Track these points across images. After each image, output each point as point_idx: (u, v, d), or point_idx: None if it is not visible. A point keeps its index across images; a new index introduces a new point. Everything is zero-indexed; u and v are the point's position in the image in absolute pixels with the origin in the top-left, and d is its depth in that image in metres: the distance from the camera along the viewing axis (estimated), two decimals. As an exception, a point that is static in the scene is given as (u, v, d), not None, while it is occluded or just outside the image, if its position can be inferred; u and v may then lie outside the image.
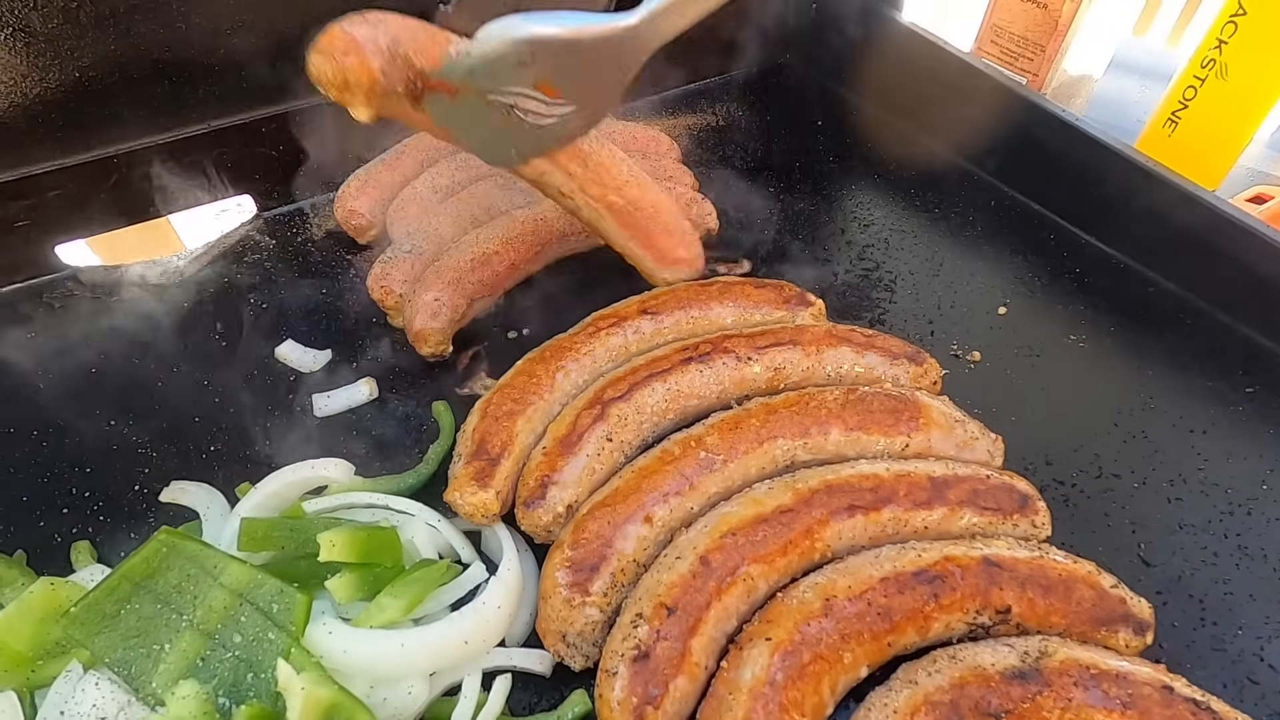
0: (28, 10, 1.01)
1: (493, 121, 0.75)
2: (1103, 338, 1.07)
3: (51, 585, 0.72)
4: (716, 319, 0.97)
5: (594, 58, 0.69)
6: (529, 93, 0.71)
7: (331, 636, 0.66)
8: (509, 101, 0.72)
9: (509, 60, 0.69)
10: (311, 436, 0.96)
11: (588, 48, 0.69)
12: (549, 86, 0.71)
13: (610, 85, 0.72)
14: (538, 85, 0.71)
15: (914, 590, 0.71)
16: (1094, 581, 0.73)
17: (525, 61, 0.69)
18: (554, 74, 0.69)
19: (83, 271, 1.15)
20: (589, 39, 0.68)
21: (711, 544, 0.73)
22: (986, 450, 0.86)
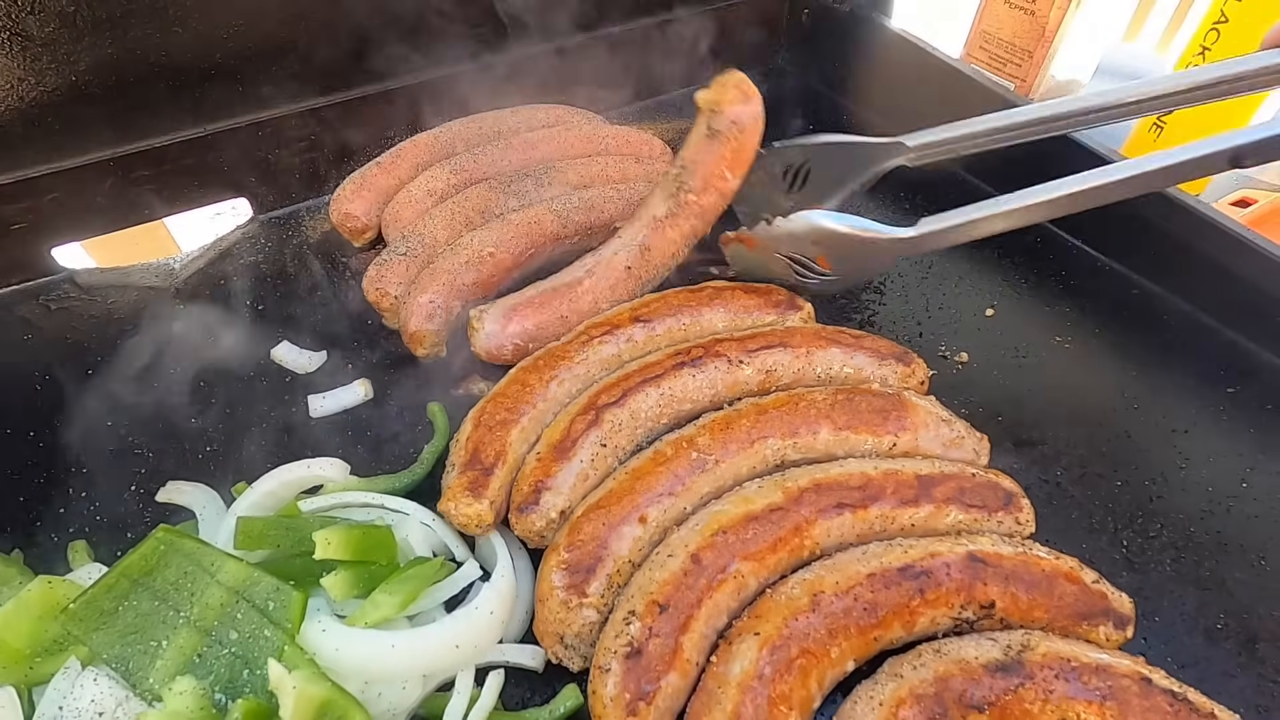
0: (25, 15, 1.02)
1: (771, 269, 1.04)
2: (1088, 339, 1.09)
3: (49, 583, 0.72)
4: (708, 324, 0.99)
5: (865, 251, 0.94)
6: (808, 260, 0.99)
7: (325, 635, 0.67)
8: (789, 260, 1.00)
9: (808, 238, 0.96)
10: (307, 437, 0.97)
11: (865, 244, 0.94)
12: (824, 260, 0.98)
13: (866, 269, 1.00)
14: (817, 257, 0.98)
15: (900, 586, 0.72)
16: (1076, 577, 0.74)
17: (818, 241, 0.96)
18: (831, 253, 0.96)
19: (79, 274, 1.16)
20: (868, 239, 0.94)
21: (703, 542, 0.75)
22: (973, 449, 0.88)
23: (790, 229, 0.96)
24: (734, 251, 1.05)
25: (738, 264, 1.07)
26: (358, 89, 1.28)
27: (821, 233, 0.94)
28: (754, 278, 1.05)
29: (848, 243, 0.94)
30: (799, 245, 0.97)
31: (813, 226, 0.94)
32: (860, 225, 0.94)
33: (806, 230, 0.95)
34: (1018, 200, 0.91)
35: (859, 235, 0.94)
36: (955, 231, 0.93)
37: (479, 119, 1.31)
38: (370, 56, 1.27)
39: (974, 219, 0.92)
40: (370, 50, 1.26)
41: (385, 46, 1.27)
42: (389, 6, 1.24)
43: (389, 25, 1.25)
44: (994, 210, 0.91)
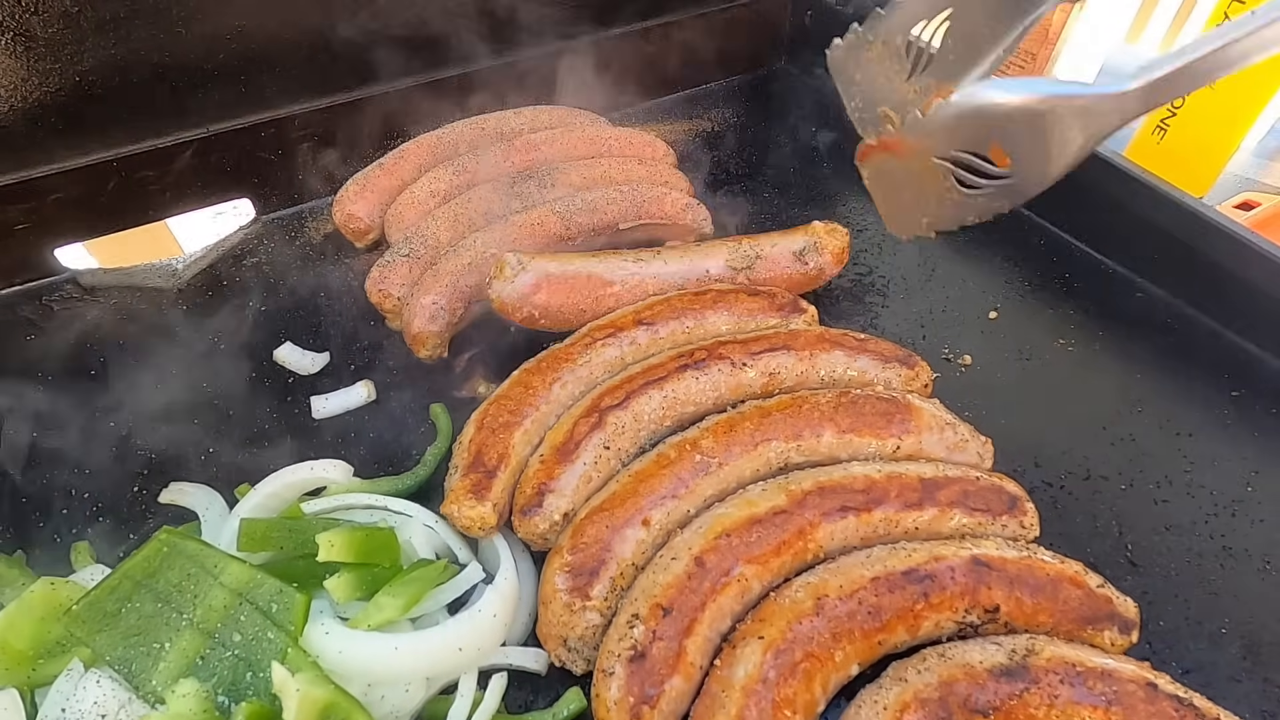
0: (29, 15, 1.02)
1: (923, 186, 0.71)
2: (1091, 342, 1.09)
3: (52, 585, 0.72)
4: (711, 327, 0.98)
5: (1061, 128, 0.61)
6: (976, 159, 0.66)
7: (328, 637, 0.67)
8: (950, 166, 0.67)
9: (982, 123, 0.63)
10: (310, 438, 0.97)
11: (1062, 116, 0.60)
12: (1002, 153, 0.64)
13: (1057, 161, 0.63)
14: (991, 150, 0.65)
15: (904, 589, 0.72)
16: (1081, 581, 0.74)
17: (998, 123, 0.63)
18: (1015, 140, 0.63)
19: (82, 274, 1.16)
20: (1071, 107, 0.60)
21: (706, 545, 0.75)
22: (976, 452, 0.88)
23: (960, 112, 0.63)
24: (876, 165, 0.75)
25: (878, 183, 0.77)
26: (361, 89, 1.28)
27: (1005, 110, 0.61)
28: (898, 213, 0.77)
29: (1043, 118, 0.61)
30: (970, 137, 0.65)
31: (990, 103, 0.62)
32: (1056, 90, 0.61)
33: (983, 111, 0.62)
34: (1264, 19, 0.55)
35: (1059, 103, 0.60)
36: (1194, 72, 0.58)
37: (482, 120, 1.31)
38: (373, 57, 1.27)
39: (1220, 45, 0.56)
40: (374, 51, 1.26)
41: (389, 47, 1.27)
42: (392, 8, 1.24)
43: (392, 26, 1.25)
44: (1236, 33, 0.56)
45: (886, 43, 0.72)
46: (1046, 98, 0.61)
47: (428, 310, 1.01)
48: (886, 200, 0.78)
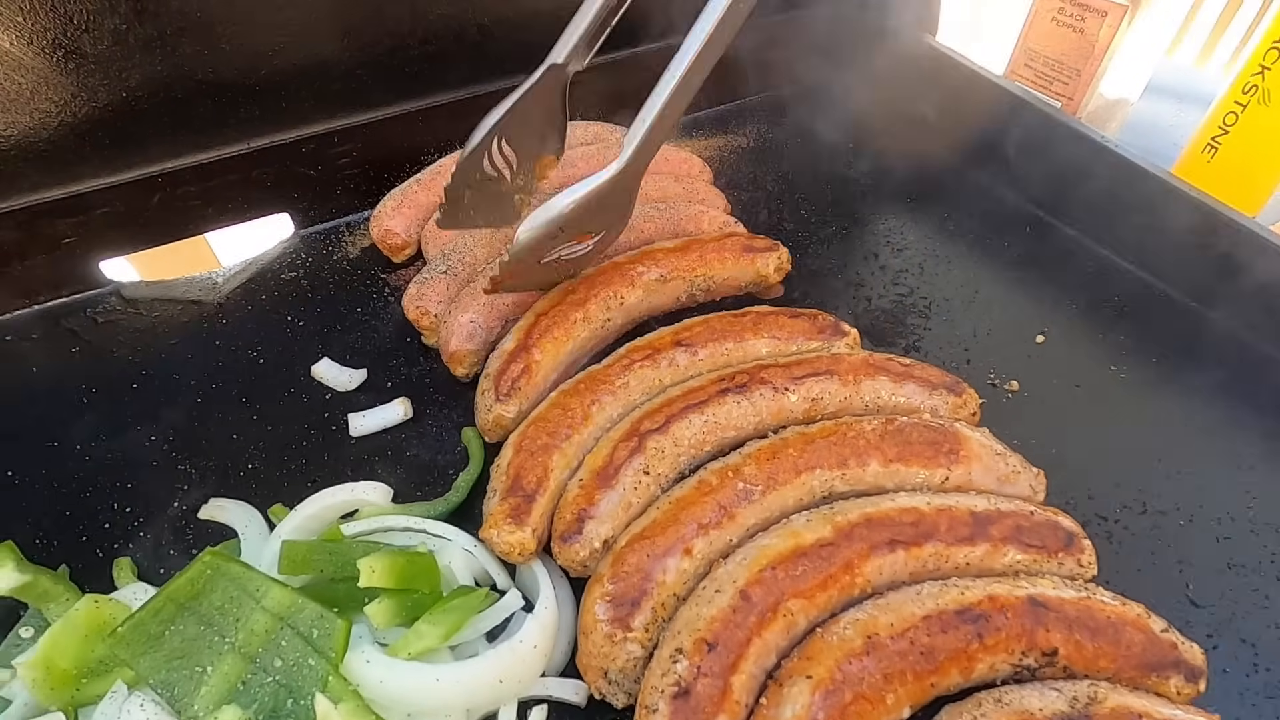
0: (80, 33, 1.04)
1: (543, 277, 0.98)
2: (1145, 369, 1.05)
3: (96, 603, 0.72)
4: (751, 350, 0.97)
5: (601, 202, 0.87)
6: (567, 247, 0.91)
7: (369, 666, 0.66)
8: (554, 257, 0.92)
9: (546, 237, 0.87)
10: (346, 455, 0.96)
11: (595, 200, 0.86)
12: (578, 235, 0.90)
13: (620, 211, 0.91)
14: (572, 239, 0.90)
15: (958, 629, 0.70)
16: (1144, 625, 0.71)
17: (565, 226, 0.87)
18: (579, 227, 0.89)
19: (125, 287, 1.18)
20: (594, 195, 0.86)
21: (751, 577, 0.73)
22: (1029, 485, 0.85)
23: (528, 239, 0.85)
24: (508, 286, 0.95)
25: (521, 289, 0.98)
26: (398, 105, 1.29)
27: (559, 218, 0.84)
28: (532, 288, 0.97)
29: (581, 210, 0.85)
30: (550, 244, 0.87)
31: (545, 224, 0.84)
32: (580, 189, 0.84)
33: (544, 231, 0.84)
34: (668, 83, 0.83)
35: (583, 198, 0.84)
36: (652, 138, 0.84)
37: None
38: (411, 73, 1.27)
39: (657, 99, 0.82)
40: (412, 66, 1.27)
41: (427, 63, 1.28)
42: (430, 24, 1.25)
43: (430, 42, 1.26)
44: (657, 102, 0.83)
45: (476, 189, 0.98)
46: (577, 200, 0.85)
47: (465, 329, 1.00)
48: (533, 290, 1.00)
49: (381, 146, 1.28)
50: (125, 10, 1.04)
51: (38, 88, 1.04)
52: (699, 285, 1.05)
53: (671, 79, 0.83)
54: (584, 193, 0.85)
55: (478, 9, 1.27)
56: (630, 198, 0.91)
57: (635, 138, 0.84)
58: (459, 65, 1.31)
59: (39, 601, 0.77)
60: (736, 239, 1.08)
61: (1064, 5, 1.42)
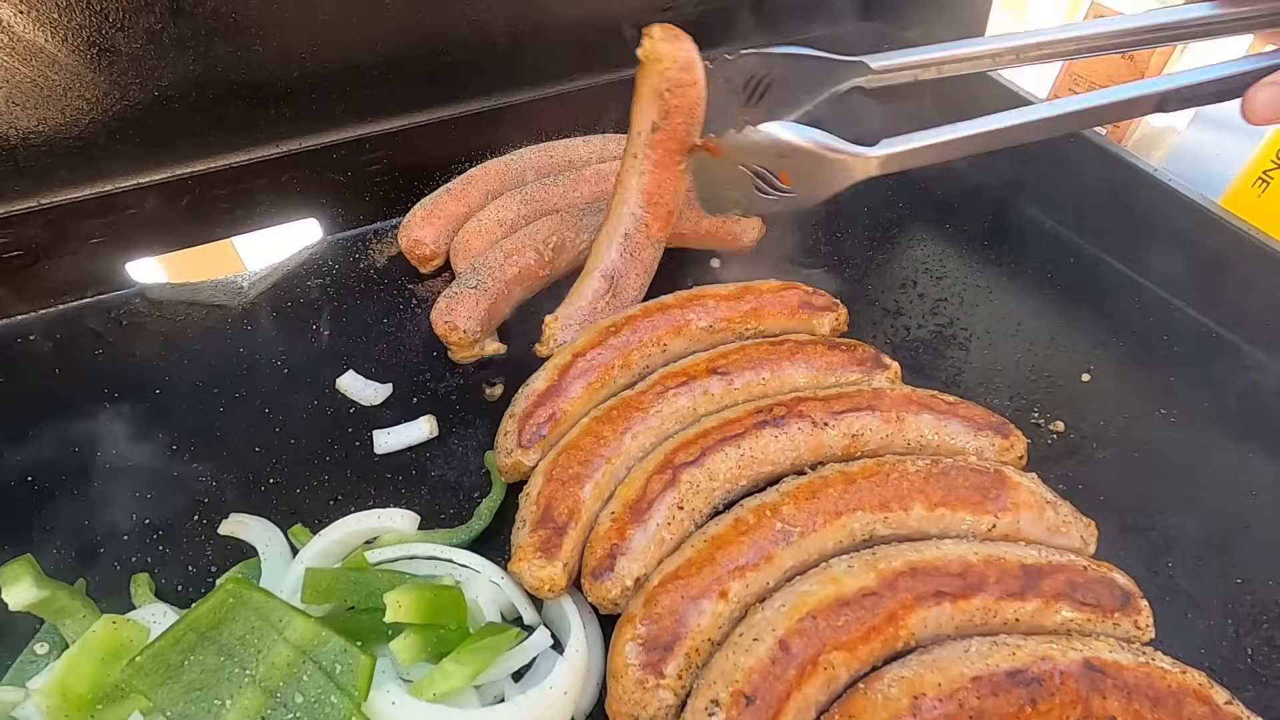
0: (115, 31, 1.02)
1: (731, 182, 0.97)
2: (1196, 413, 1.01)
3: (114, 624, 0.70)
4: (789, 379, 0.94)
5: (827, 168, 0.91)
6: (771, 174, 0.94)
7: (395, 707, 0.64)
8: (753, 172, 0.94)
9: (773, 150, 0.92)
10: (370, 474, 0.94)
11: (828, 162, 0.90)
12: (787, 175, 0.93)
13: (824, 189, 0.93)
14: (780, 171, 0.93)
15: (1009, 693, 0.66)
16: (1206, 696, 0.67)
17: (783, 154, 0.91)
18: (796, 169, 0.92)
19: (150, 289, 1.16)
20: (832, 157, 0.90)
21: (791, 627, 0.70)
22: (1079, 536, 0.81)
23: (759, 138, 0.91)
24: (698, 161, 1.00)
25: (699, 177, 1.01)
26: (430, 112, 1.27)
27: (789, 146, 0.91)
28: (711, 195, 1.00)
29: (812, 158, 0.90)
30: (764, 157, 0.92)
31: (780, 139, 0.90)
32: (826, 141, 0.90)
33: (774, 142, 0.91)
34: (981, 124, 0.90)
35: (824, 151, 0.90)
36: (918, 152, 0.90)
37: (550, 147, 1.28)
38: (443, 80, 1.25)
39: (938, 141, 0.90)
40: (443, 73, 1.25)
41: (459, 70, 1.26)
42: (463, 31, 1.23)
43: (462, 49, 1.24)
44: (957, 134, 0.90)
45: (729, 79, 0.98)
46: (817, 145, 0.90)
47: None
48: (703, 185, 1.01)
49: (412, 154, 1.26)
50: (161, 9, 1.03)
51: (70, 85, 1.03)
52: (747, 337, 1.01)
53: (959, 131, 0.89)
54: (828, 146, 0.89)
55: (510, 17, 1.25)
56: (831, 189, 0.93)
57: (895, 145, 0.89)
58: (491, 73, 1.29)
59: (56, 617, 0.75)
60: (795, 293, 1.04)
61: (1115, 30, 1.38)
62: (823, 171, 0.91)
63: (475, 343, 1.04)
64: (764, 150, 0.92)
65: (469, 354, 1.06)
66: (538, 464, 0.86)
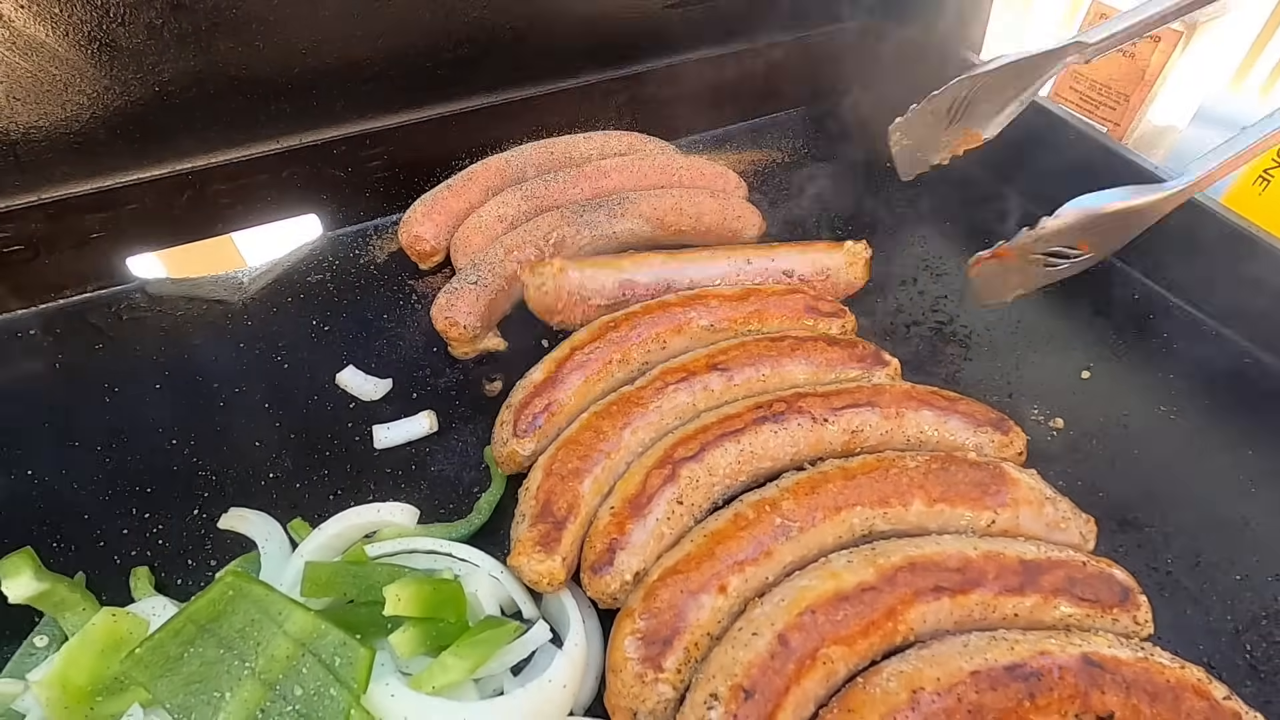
0: (115, 26, 1.02)
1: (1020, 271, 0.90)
2: (1196, 411, 1.01)
3: (113, 616, 0.70)
4: (789, 376, 0.94)
5: (1131, 218, 0.83)
6: (1066, 249, 0.86)
7: (394, 700, 0.64)
8: (1047, 256, 0.88)
9: (1076, 229, 0.83)
10: (370, 469, 0.94)
11: (1135, 212, 0.82)
12: (1085, 243, 0.85)
13: (1126, 236, 0.86)
14: (1079, 243, 0.85)
15: (1007, 687, 0.66)
16: (1205, 691, 0.67)
17: (1086, 228, 0.83)
18: (1097, 233, 0.84)
19: (150, 284, 1.16)
20: (1142, 206, 0.82)
21: (790, 621, 0.70)
22: (1079, 532, 0.82)
23: (1061, 225, 0.83)
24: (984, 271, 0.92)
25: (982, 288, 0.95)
26: (431, 108, 1.27)
27: (1098, 217, 0.82)
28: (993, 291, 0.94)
29: (1124, 216, 0.82)
30: (1066, 237, 0.85)
31: (1088, 214, 0.82)
32: (1129, 195, 0.82)
33: (1080, 220, 0.82)
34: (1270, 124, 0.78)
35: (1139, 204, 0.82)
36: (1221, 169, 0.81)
37: (550, 144, 1.28)
38: (444, 76, 1.25)
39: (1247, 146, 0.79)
40: (444, 70, 1.25)
41: (460, 66, 1.26)
42: (464, 27, 1.23)
43: (463, 45, 1.24)
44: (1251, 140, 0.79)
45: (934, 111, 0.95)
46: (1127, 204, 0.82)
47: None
48: (985, 287, 0.95)
49: (413, 150, 1.26)
50: (161, 4, 1.03)
51: (71, 79, 1.03)
52: (748, 337, 1.00)
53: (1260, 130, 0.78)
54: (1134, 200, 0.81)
55: (512, 13, 1.25)
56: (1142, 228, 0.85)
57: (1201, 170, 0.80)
58: (492, 69, 1.29)
59: (55, 610, 0.75)
60: (800, 297, 1.02)
61: (1115, 28, 1.38)
62: (1131, 222, 0.84)
63: (475, 338, 1.04)
64: (1069, 232, 0.84)
65: (469, 349, 1.06)
66: (535, 456, 0.86)
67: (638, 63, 1.39)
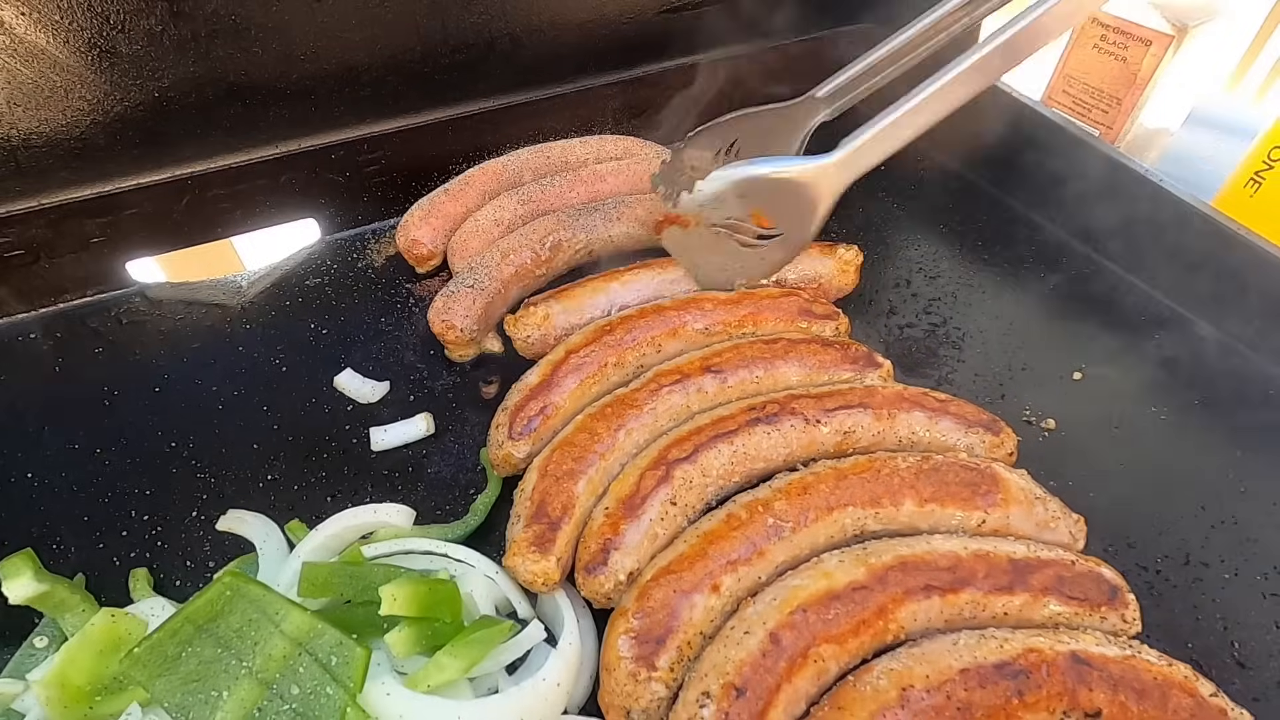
0: (116, 33, 1.03)
1: (715, 248, 0.94)
2: (1186, 411, 1.02)
3: (112, 617, 0.71)
4: (782, 377, 0.95)
5: (797, 192, 0.86)
6: (745, 221, 0.90)
7: (390, 699, 0.65)
8: (728, 227, 0.91)
9: (731, 194, 0.87)
10: (367, 470, 0.95)
11: (793, 184, 0.86)
12: (761, 216, 0.89)
13: (806, 215, 0.89)
14: (752, 214, 0.89)
15: (996, 685, 0.67)
16: (1191, 688, 0.68)
17: (744, 194, 0.87)
18: (766, 205, 0.88)
19: (150, 288, 1.17)
20: (793, 176, 0.85)
21: (782, 620, 0.70)
22: (1068, 532, 0.82)
23: (713, 188, 0.87)
24: (671, 238, 0.96)
25: (679, 255, 0.98)
26: (429, 113, 1.28)
27: (744, 182, 0.85)
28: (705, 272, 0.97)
29: (771, 184, 0.85)
30: (728, 206, 0.88)
31: (730, 177, 0.85)
32: (775, 163, 0.86)
33: (728, 184, 0.86)
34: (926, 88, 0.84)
35: (778, 173, 0.85)
36: (876, 142, 0.84)
37: (547, 148, 1.30)
38: (441, 81, 1.26)
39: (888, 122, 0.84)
40: (441, 75, 1.26)
41: (458, 72, 1.27)
42: (462, 33, 1.24)
43: (461, 51, 1.25)
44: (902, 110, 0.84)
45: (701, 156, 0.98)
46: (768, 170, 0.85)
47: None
48: (692, 264, 0.98)
49: (410, 155, 1.28)
50: (161, 11, 1.04)
51: (71, 86, 1.04)
52: (742, 339, 1.00)
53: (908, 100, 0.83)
54: (784, 168, 0.84)
55: (509, 19, 1.26)
56: (814, 211, 0.88)
57: (851, 142, 0.83)
58: (490, 75, 1.30)
59: (55, 611, 0.76)
60: (794, 300, 1.02)
61: (1106, 33, 1.40)
62: (791, 197, 0.86)
63: (472, 341, 1.05)
64: (723, 197, 0.87)
65: (466, 352, 1.07)
66: (530, 458, 0.87)
67: (633, 68, 1.40)
